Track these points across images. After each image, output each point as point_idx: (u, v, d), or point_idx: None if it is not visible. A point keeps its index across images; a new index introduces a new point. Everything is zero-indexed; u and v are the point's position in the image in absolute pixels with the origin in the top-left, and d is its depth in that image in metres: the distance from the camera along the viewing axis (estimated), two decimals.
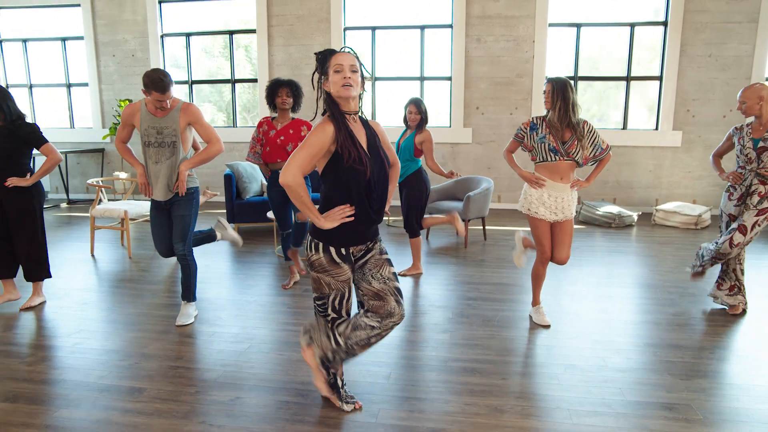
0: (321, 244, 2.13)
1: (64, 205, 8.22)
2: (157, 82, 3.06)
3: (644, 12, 7.39)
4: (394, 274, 2.28)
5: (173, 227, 3.38)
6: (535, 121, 3.28)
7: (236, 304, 3.80)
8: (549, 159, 3.22)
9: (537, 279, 3.49)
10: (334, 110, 2.08)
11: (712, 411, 2.40)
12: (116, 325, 3.42)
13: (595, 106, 7.92)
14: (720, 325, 3.42)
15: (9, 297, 3.78)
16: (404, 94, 8.11)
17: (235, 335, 3.24)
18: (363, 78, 2.17)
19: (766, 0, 6.94)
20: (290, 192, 2.00)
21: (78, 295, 3.99)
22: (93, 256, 5.09)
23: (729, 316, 3.56)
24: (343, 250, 2.14)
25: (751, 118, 3.47)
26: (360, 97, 2.20)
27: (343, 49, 2.09)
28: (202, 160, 3.24)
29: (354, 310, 2.43)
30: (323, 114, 2.16)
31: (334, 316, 2.25)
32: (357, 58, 2.09)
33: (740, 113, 3.61)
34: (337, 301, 2.22)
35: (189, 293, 3.52)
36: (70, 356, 2.96)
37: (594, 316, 3.57)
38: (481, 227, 6.01)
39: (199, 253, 5.13)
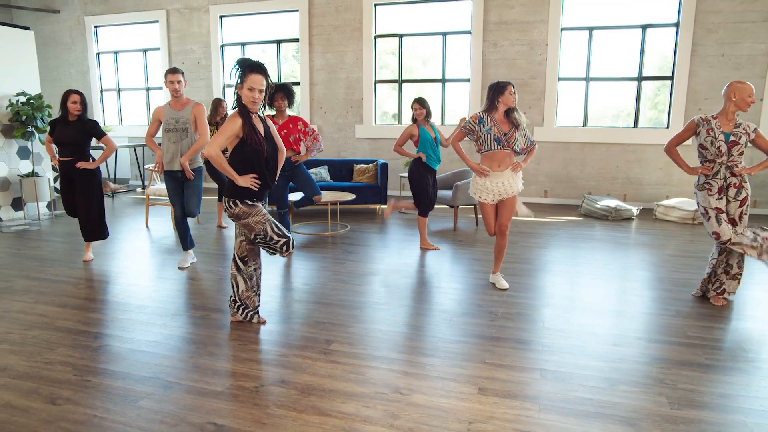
0: (237, 200, 3.06)
1: (139, 190, 9.81)
2: (169, 69, 4.36)
3: (656, 14, 7.64)
4: None
5: (188, 196, 4.46)
6: (482, 116, 3.95)
7: None
8: (493, 148, 3.90)
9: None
10: (242, 109, 2.99)
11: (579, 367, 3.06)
12: (147, 269, 4.57)
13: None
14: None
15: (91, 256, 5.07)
16: (428, 95, 8.88)
17: (222, 279, 4.27)
18: (270, 88, 3.05)
19: None
20: (213, 161, 2.95)
21: (126, 252, 5.22)
22: (147, 226, 6.38)
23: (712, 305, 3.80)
24: (251, 201, 3.08)
25: (714, 112, 3.69)
26: (264, 101, 3.09)
27: (258, 68, 2.95)
28: (194, 151, 4.31)
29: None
30: (233, 108, 3.06)
31: (284, 239, 3.09)
32: (267, 77, 2.98)
33: (749, 111, 3.53)
34: (275, 227, 3.10)
35: (187, 242, 4.64)
36: (105, 285, 4.14)
37: (542, 286, 4.23)
38: (474, 215, 6.68)
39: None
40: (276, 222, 3.15)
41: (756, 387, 2.59)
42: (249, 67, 2.95)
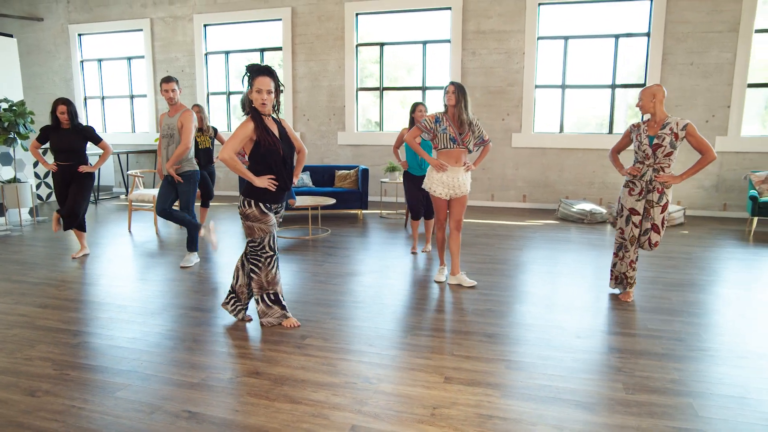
0: (252, 201, 3.17)
1: (123, 196, 9.83)
2: (163, 78, 4.51)
3: (628, 24, 7.90)
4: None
5: (180, 200, 4.68)
6: (438, 116, 4.13)
7: (226, 264, 4.93)
8: (449, 146, 4.08)
9: (439, 243, 4.39)
10: (254, 113, 3.10)
11: (526, 348, 3.20)
12: (128, 272, 4.64)
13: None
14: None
15: (84, 252, 5.18)
16: (408, 102, 9.04)
17: (203, 281, 4.36)
18: (279, 90, 3.16)
19: (746, 10, 7.28)
20: (227, 164, 3.04)
21: (108, 256, 5.27)
22: (130, 231, 6.43)
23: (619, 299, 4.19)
24: (267, 205, 3.18)
25: (648, 116, 3.82)
26: (277, 104, 3.19)
27: (266, 70, 3.05)
28: (176, 158, 4.45)
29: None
30: (246, 114, 3.17)
31: (271, 253, 3.27)
32: (274, 79, 3.09)
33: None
34: (271, 241, 3.26)
35: (192, 245, 4.84)
36: (86, 287, 4.19)
37: (515, 284, 4.37)
38: None
39: None
40: (275, 237, 3.28)
41: (705, 372, 2.74)
42: (256, 71, 3.06)
